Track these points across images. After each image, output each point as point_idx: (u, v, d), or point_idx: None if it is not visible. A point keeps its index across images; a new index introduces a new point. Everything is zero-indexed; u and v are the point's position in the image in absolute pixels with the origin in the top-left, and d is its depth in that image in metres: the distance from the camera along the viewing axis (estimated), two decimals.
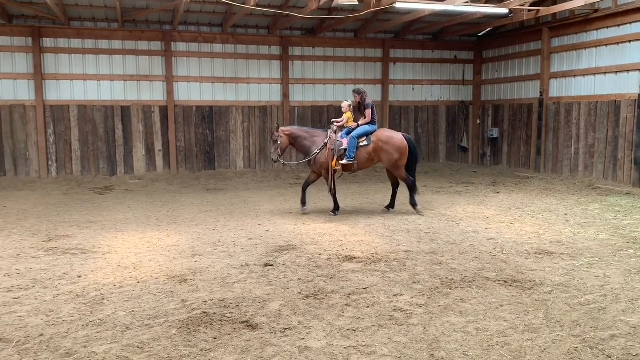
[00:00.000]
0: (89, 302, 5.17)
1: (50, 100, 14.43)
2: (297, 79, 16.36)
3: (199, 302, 5.15)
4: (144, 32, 14.97)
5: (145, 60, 15.08)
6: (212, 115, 15.73)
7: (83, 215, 10.06)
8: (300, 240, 7.80)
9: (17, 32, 14.07)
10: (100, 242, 7.78)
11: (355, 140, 9.59)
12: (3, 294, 5.48)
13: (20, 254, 7.16)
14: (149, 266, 6.48)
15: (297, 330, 4.47)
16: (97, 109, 14.77)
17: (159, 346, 4.15)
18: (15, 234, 8.46)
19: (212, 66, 15.63)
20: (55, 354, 4.03)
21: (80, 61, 14.59)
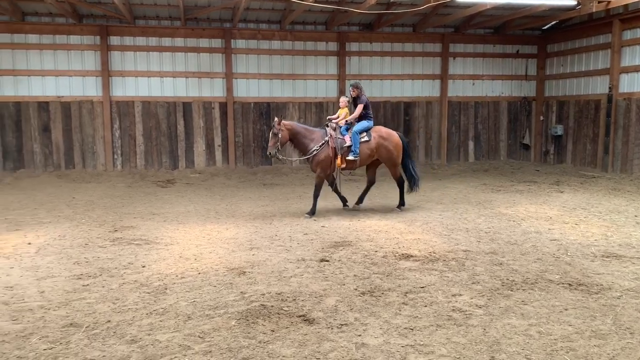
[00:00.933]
0: (152, 292, 5.36)
1: (116, 96, 15.03)
2: (354, 74, 16.29)
3: (257, 294, 5.23)
4: (205, 29, 15.33)
5: (206, 58, 15.44)
6: (269, 111, 15.92)
7: (146, 207, 10.43)
8: (355, 236, 7.78)
9: (86, 31, 14.73)
10: (163, 234, 8.05)
11: (358, 135, 9.47)
12: (73, 281, 5.76)
13: (88, 243, 7.51)
14: (209, 258, 6.64)
15: (353, 327, 4.47)
16: (160, 104, 15.27)
17: (219, 336, 4.25)
18: (84, 224, 8.88)
19: (270, 63, 15.82)
20: (121, 340, 4.20)
21: (144, 58, 15.11)
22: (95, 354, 3.94)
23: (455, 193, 11.90)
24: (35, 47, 14.47)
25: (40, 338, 4.23)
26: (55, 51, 14.60)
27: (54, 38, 14.58)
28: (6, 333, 4.34)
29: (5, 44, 14.30)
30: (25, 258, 6.70)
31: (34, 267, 6.31)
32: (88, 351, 3.99)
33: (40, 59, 14.54)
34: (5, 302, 5.08)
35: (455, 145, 17.34)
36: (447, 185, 13.13)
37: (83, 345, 4.10)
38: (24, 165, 14.63)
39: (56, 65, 14.63)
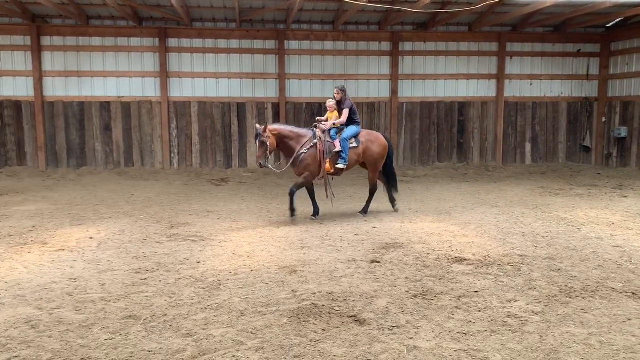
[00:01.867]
0: (207, 287, 5.49)
1: (174, 96, 15.49)
2: (407, 74, 16.15)
3: (308, 293, 5.26)
4: (259, 31, 15.57)
5: (260, 59, 15.68)
6: (321, 112, 15.94)
7: (201, 204, 10.69)
8: (407, 238, 7.70)
9: (145, 33, 15.25)
10: (217, 231, 8.22)
11: (347, 142, 9.10)
12: (132, 275, 5.98)
13: (146, 238, 7.77)
14: (261, 255, 6.74)
15: (405, 329, 4.42)
16: (216, 105, 15.62)
17: (271, 333, 4.31)
18: (142, 220, 9.19)
19: (323, 63, 15.89)
20: (177, 333, 4.33)
21: (201, 60, 15.50)
22: (153, 346, 4.07)
23: (511, 196, 11.58)
24: (98, 49, 15.11)
25: (101, 328, 4.41)
26: (116, 53, 15.20)
27: (115, 40, 15.18)
28: (70, 322, 4.55)
29: (71, 47, 15.00)
30: (87, 251, 7.01)
31: (96, 260, 6.59)
32: (146, 343, 4.13)
33: (102, 61, 15.17)
34: (69, 293, 5.33)
35: (512, 147, 16.88)
36: (503, 188, 12.80)
37: (141, 337, 4.25)
38: (86, 163, 15.31)
39: (117, 66, 15.23)
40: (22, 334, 4.33)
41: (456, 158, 16.66)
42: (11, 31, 14.81)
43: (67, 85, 15.10)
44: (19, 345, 4.11)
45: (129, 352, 3.98)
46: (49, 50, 14.97)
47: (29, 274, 5.98)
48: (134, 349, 4.02)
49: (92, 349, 4.04)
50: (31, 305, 4.97)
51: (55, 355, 3.93)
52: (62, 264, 6.39)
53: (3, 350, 4.02)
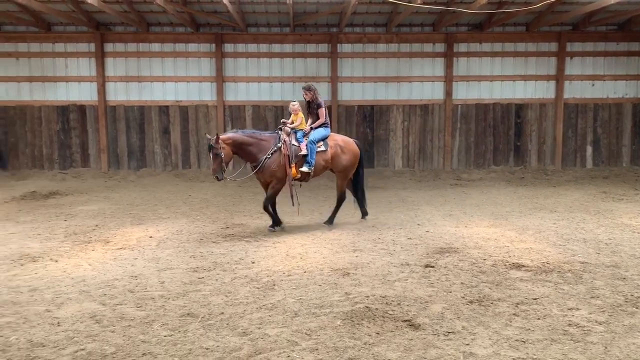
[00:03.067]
0: (261, 287, 5.58)
1: (229, 100, 15.82)
2: (462, 76, 15.86)
3: (362, 296, 5.26)
4: (312, 35, 15.69)
5: (312, 62, 15.80)
6: (372, 114, 15.95)
7: (255, 206, 10.86)
8: (462, 243, 7.56)
9: (202, 39, 15.66)
10: (270, 232, 8.33)
11: (315, 145, 8.58)
12: (190, 273, 6.15)
13: (202, 238, 7.97)
14: (313, 257, 6.78)
15: (461, 335, 4.35)
16: (269, 108, 15.84)
17: (325, 335, 4.33)
18: (199, 220, 9.43)
19: (375, 66, 15.83)
20: (233, 331, 4.42)
21: (255, 64, 15.77)
22: (210, 344, 4.17)
23: (570, 201, 11.17)
24: (157, 55, 15.63)
25: (161, 325, 4.56)
26: (175, 59, 15.68)
27: (174, 46, 15.66)
28: (132, 318, 4.72)
29: (132, 53, 15.59)
30: (147, 250, 7.26)
31: (155, 258, 6.82)
32: (204, 340, 4.24)
33: (161, 66, 15.68)
34: (130, 290, 5.54)
35: (571, 150, 16.27)
36: (562, 193, 12.35)
37: (199, 334, 4.36)
38: (146, 165, 15.85)
39: (176, 71, 15.70)
40: (88, 328, 4.53)
41: (513, 161, 16.22)
42: (77, 39, 15.55)
43: (128, 90, 15.70)
44: (84, 338, 4.30)
45: (187, 348, 4.09)
46: (112, 56, 15.61)
47: (93, 271, 6.25)
48: (192, 346, 4.13)
49: (153, 344, 4.18)
50: (95, 301, 5.20)
51: (118, 349, 4.09)
52: (123, 262, 6.65)
53: (70, 342, 4.22)
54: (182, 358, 3.93)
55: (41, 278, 5.96)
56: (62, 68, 15.62)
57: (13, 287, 5.63)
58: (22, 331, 4.45)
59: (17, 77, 15.58)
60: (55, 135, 15.71)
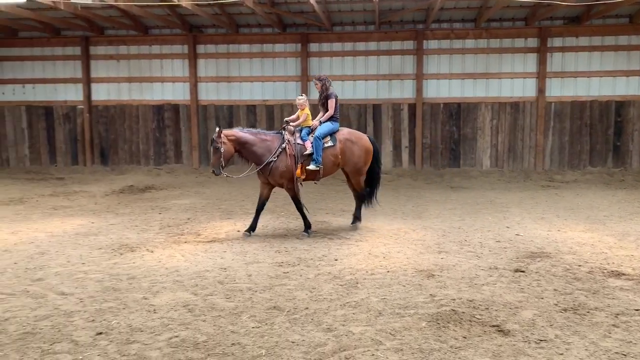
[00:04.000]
0: (344, 284, 5.60)
1: (313, 99, 15.97)
2: (556, 72, 15.05)
3: (447, 299, 5.14)
4: (398, 32, 15.53)
5: (397, 60, 15.64)
6: (459, 112, 15.53)
7: (337, 204, 10.94)
8: (555, 248, 7.18)
9: (289, 39, 15.97)
10: (352, 230, 8.35)
11: (321, 141, 8.07)
12: (275, 267, 6.30)
13: (287, 234, 8.14)
14: (397, 257, 6.72)
15: (554, 344, 4.13)
16: (352, 107, 15.87)
17: (409, 336, 4.28)
18: (283, 216, 9.64)
19: (463, 62, 15.40)
20: (318, 327, 4.47)
21: (339, 63, 15.86)
22: (296, 338, 4.25)
23: None
24: (246, 55, 16.14)
25: (249, 317, 4.71)
26: (262, 59, 16.11)
27: (261, 47, 16.09)
28: (222, 309, 4.91)
29: (222, 54, 16.20)
30: (235, 244, 7.52)
31: (243, 252, 7.05)
32: (289, 334, 4.32)
33: (249, 67, 16.17)
34: (220, 281, 5.76)
35: None
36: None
37: (285, 328, 4.45)
38: (233, 162, 16.34)
39: (263, 71, 16.13)
40: (181, 316, 4.76)
41: (612, 162, 15.18)
42: (172, 41, 16.38)
43: (218, 90, 16.33)
44: (178, 326, 4.53)
45: (274, 341, 4.19)
46: (203, 57, 16.31)
47: (185, 262, 6.56)
48: (278, 339, 4.23)
49: (242, 335, 4.32)
50: (188, 291, 5.45)
51: (209, 338, 4.27)
52: (213, 254, 6.93)
53: (165, 329, 4.46)
54: (269, 350, 4.04)
55: (138, 267, 6.35)
56: (158, 69, 16.53)
57: (114, 275, 6.03)
58: (122, 316, 4.76)
59: (117, 77, 16.68)
60: (150, 132, 16.65)
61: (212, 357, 3.93)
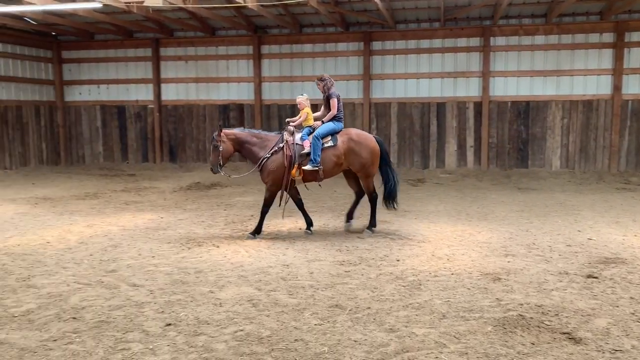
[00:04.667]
0: (407, 285, 5.54)
1: (375, 98, 15.94)
2: (634, 68, 14.24)
3: (515, 303, 4.98)
4: (463, 29, 15.18)
5: (462, 57, 15.29)
6: (527, 111, 15.00)
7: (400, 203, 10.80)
8: (631, 254, 6.80)
9: (351, 38, 15.96)
10: (415, 231, 8.25)
11: (319, 140, 7.80)
12: (337, 266, 6.32)
13: (347, 233, 8.15)
14: (461, 259, 6.58)
15: (630, 355, 3.92)
16: (415, 105, 15.67)
17: (475, 340, 4.17)
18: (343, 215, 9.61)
19: (532, 59, 14.86)
20: (380, 327, 4.45)
21: (402, 61, 15.69)
22: (358, 337, 4.24)
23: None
24: (308, 55, 16.27)
25: (311, 314, 4.75)
26: (324, 58, 16.19)
27: (324, 46, 16.17)
28: (285, 305, 4.98)
29: (286, 54, 16.41)
30: (297, 241, 7.61)
31: (304, 249, 7.12)
32: (351, 333, 4.32)
33: (312, 66, 16.29)
34: (283, 277, 5.84)
35: None
36: None
37: (347, 326, 4.46)
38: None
39: (325, 70, 16.12)
40: (245, 310, 4.86)
41: None
42: (237, 42, 16.76)
43: (281, 90, 16.56)
44: (243, 320, 4.63)
45: (336, 339, 4.21)
46: (267, 57, 16.58)
47: (249, 258, 6.70)
48: (340, 337, 4.24)
49: (304, 331, 4.36)
50: (252, 286, 5.57)
51: (273, 333, 4.34)
52: (276, 251, 7.04)
53: (231, 323, 4.57)
54: (331, 348, 4.05)
55: (205, 261, 6.54)
56: (224, 69, 16.96)
57: (182, 268, 6.25)
58: (189, 308, 4.92)
59: (185, 78, 17.25)
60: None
61: (276, 352, 4.00)
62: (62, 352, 4.03)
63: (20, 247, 7.28)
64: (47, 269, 6.24)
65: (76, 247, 7.33)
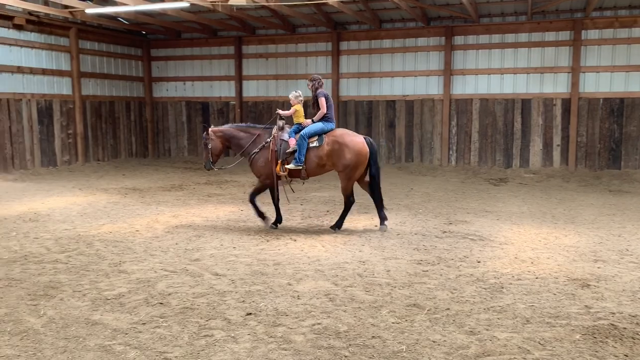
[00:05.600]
0: (488, 288, 5.37)
1: (456, 94, 15.54)
2: None
3: (605, 312, 4.69)
4: (552, 22, 14.46)
5: (550, 52, 14.57)
6: (622, 108, 14.05)
7: (479, 204, 10.51)
8: None
9: (432, 33, 15.64)
10: (497, 232, 7.97)
11: (306, 140, 7.84)
12: (414, 265, 6.23)
13: (425, 232, 8.00)
14: (546, 263, 6.28)
15: None
16: (498, 102, 15.13)
17: (561, 347, 3.98)
18: (421, 214, 9.49)
19: (628, 53, 13.90)
20: (460, 329, 4.34)
21: (485, 56, 15.19)
22: (437, 337, 4.16)
23: None
24: (387, 51, 16.13)
25: (388, 312, 4.71)
26: (404, 54, 15.98)
27: (404, 42, 15.97)
28: (362, 301, 4.97)
29: (364, 50, 16.37)
30: (373, 238, 7.57)
31: (380, 247, 7.07)
32: (430, 333, 4.25)
33: (391, 62, 16.14)
34: (359, 274, 5.84)
35: None
36: None
37: (425, 326, 4.39)
38: None
39: (404, 66, 16.01)
40: (323, 304, 4.91)
41: None
42: (316, 39, 16.91)
43: (359, 86, 16.54)
44: (320, 314, 4.68)
45: (414, 338, 4.15)
46: (346, 54, 16.61)
47: (326, 252, 6.76)
48: (419, 337, 4.18)
49: (381, 329, 4.34)
50: (328, 281, 5.61)
51: (350, 328, 4.35)
52: (352, 247, 7.05)
53: (308, 316, 4.63)
54: (409, 347, 4.00)
55: (283, 254, 6.67)
56: (303, 66, 17.17)
57: (261, 260, 6.40)
58: (268, 299, 5.03)
59: (265, 75, 17.65)
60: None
61: (353, 347, 4.00)
62: (150, 335, 4.25)
63: (112, 235, 7.76)
64: (137, 256, 6.60)
65: (163, 235, 7.71)
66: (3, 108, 14.16)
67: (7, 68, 14.20)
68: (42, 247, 7.04)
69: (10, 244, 7.17)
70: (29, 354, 3.93)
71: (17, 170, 14.46)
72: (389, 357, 3.85)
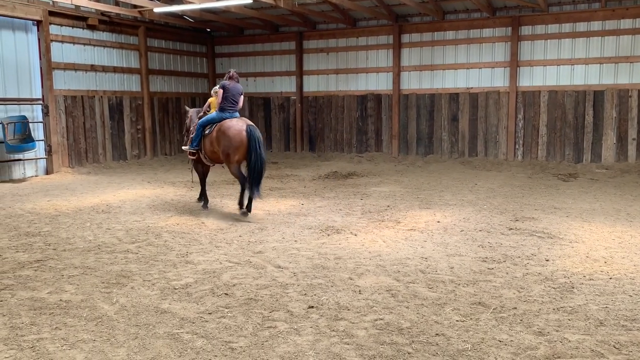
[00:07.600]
0: (557, 287, 5.16)
1: (523, 86, 14.99)
2: None
3: None
4: (628, 9, 13.65)
5: (626, 41, 13.76)
6: None
7: (547, 200, 10.11)
8: None
9: (498, 23, 15.14)
10: (566, 230, 7.64)
11: (200, 128, 8.88)
12: (479, 262, 6.07)
13: (490, 229, 7.78)
14: (621, 263, 5.97)
15: None
16: (568, 94, 14.47)
17: (638, 352, 3.77)
18: (485, 209, 9.23)
19: None
20: (527, 329, 4.19)
21: (555, 46, 14.55)
22: (503, 337, 4.05)
23: None
24: (451, 43, 15.76)
25: (452, 309, 4.62)
26: (468, 45, 15.56)
27: (468, 33, 15.54)
28: (424, 298, 4.91)
29: (427, 42, 16.07)
30: (435, 234, 7.44)
31: (443, 243, 6.94)
32: (496, 332, 4.13)
33: (454, 54, 15.76)
34: (422, 270, 5.76)
35: None
36: None
37: (491, 325, 4.27)
38: (432, 151, 16.26)
39: (468, 58, 15.59)
40: (384, 300, 4.88)
41: None
42: (377, 32, 16.76)
43: (421, 79, 16.27)
44: (382, 309, 4.65)
45: (479, 337, 4.05)
46: (407, 47, 16.37)
47: (387, 248, 6.71)
48: (484, 336, 4.08)
49: (445, 326, 4.26)
50: (390, 276, 5.56)
51: (413, 325, 4.30)
52: (413, 243, 6.96)
53: (370, 311, 4.61)
54: (474, 345, 3.91)
55: (344, 249, 6.67)
56: (363, 60, 17.08)
57: (322, 254, 6.44)
58: (330, 293, 5.05)
59: (326, 70, 17.67)
60: (354, 122, 17.34)
61: (417, 344, 3.96)
62: (216, 324, 4.37)
63: (179, 226, 8.02)
64: (202, 247, 6.80)
65: (227, 228, 7.90)
66: (78, 105, 14.93)
67: (81, 66, 14.95)
68: (114, 237, 7.38)
69: (85, 234, 7.56)
70: (104, 339, 4.14)
71: (90, 164, 15.23)
72: (453, 355, 3.78)
